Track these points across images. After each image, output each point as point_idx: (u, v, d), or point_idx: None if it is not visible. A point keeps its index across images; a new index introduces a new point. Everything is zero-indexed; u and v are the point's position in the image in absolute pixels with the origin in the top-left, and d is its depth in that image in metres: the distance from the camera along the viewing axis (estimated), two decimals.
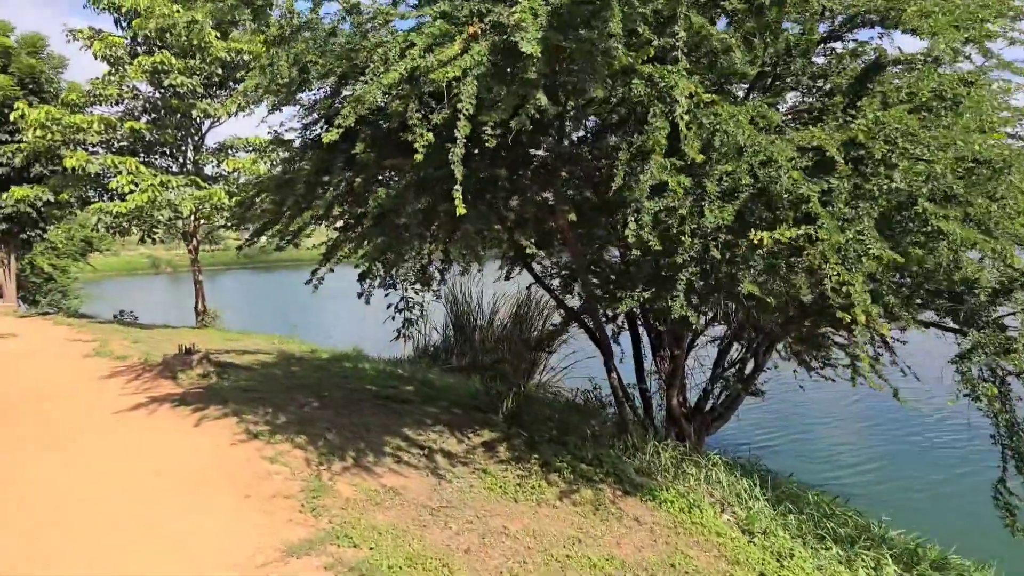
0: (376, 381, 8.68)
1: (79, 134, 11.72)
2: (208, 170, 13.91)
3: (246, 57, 12.34)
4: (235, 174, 13.13)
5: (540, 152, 5.25)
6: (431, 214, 4.72)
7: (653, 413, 7.29)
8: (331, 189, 4.95)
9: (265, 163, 13.40)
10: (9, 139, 14.01)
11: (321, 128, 5.76)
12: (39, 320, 14.47)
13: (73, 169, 11.37)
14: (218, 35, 12.10)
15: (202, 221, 13.81)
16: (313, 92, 5.81)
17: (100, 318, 15.87)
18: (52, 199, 12.98)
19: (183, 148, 13.75)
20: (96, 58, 12.41)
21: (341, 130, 3.45)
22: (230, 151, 13.97)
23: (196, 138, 13.74)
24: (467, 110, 2.96)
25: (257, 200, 5.95)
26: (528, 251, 4.61)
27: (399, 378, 9.11)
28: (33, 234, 16.66)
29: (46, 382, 8.03)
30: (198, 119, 12.99)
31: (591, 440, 5.94)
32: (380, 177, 5.10)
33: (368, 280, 4.58)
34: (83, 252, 22.21)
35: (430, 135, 3.27)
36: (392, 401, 7.51)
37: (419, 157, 3.19)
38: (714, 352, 7.47)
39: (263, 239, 6.07)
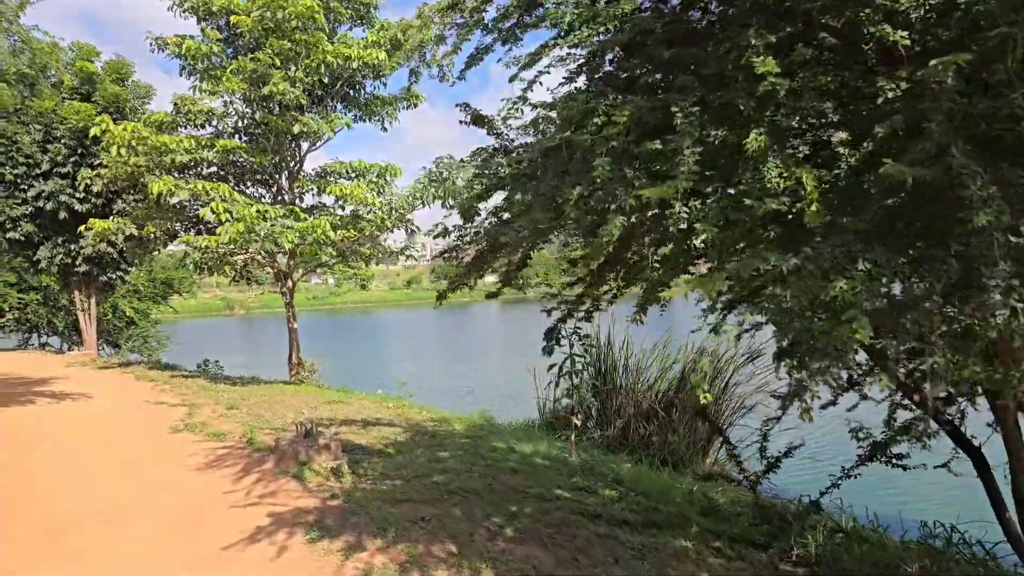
0: (555, 479, 6.18)
1: (166, 156, 9.93)
2: (311, 199, 12.02)
3: (355, 65, 10.40)
4: (339, 203, 11.05)
5: None
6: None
7: None
8: (687, 155, 2.42)
9: (375, 190, 11.35)
10: (91, 171, 12.55)
11: (612, 56, 3.25)
12: (119, 373, 12.72)
13: (160, 196, 9.54)
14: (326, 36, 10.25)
15: (297, 257, 11.81)
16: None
17: (183, 369, 14.07)
18: (135, 233, 11.28)
19: (277, 175, 11.87)
20: (185, 70, 10.76)
21: None
22: (331, 177, 12.00)
23: (292, 163, 11.85)
24: None
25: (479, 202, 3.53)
26: None
27: (578, 471, 6.57)
28: (114, 276, 15.21)
29: (120, 479, 5.80)
30: (298, 138, 11.11)
31: None
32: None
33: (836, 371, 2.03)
34: (164, 295, 20.96)
35: None
36: (611, 525, 4.99)
37: None
38: None
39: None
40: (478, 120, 4.42)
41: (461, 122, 4.49)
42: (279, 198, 11.89)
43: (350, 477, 5.81)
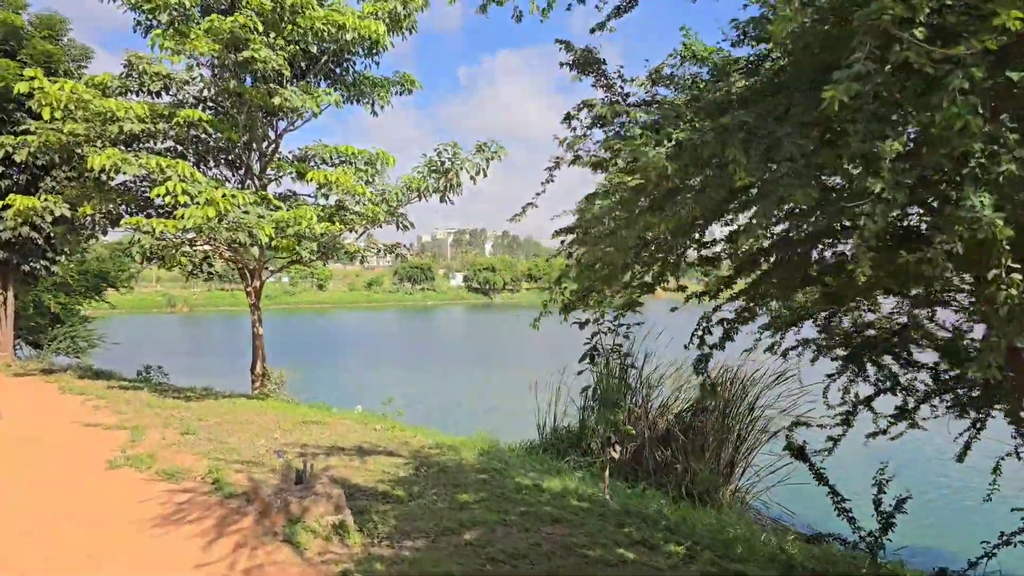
0: (604, 529, 5.17)
1: (111, 124, 8.22)
2: (281, 186, 10.45)
3: (349, 36, 8.90)
4: (321, 191, 9.48)
5: None
6: None
7: None
8: None
9: (363, 179, 9.92)
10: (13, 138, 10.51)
11: None
12: (40, 382, 10.70)
13: (101, 171, 7.83)
14: None
15: (266, 251, 10.20)
16: None
17: (120, 377, 12.07)
18: (67, 215, 9.39)
19: (246, 156, 10.25)
20: (141, 26, 9.09)
21: None
22: (312, 162, 10.46)
23: (266, 143, 10.26)
24: None
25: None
26: None
27: (624, 518, 5.50)
28: (38, 266, 13.04)
29: (38, 540, 4.21)
30: (275, 114, 9.55)
31: None
32: None
33: None
34: (97, 289, 18.49)
35: None
36: None
37: None
38: None
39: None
40: (587, 64, 3.22)
41: (562, 64, 3.30)
42: (246, 182, 10.26)
43: (358, 537, 4.47)
